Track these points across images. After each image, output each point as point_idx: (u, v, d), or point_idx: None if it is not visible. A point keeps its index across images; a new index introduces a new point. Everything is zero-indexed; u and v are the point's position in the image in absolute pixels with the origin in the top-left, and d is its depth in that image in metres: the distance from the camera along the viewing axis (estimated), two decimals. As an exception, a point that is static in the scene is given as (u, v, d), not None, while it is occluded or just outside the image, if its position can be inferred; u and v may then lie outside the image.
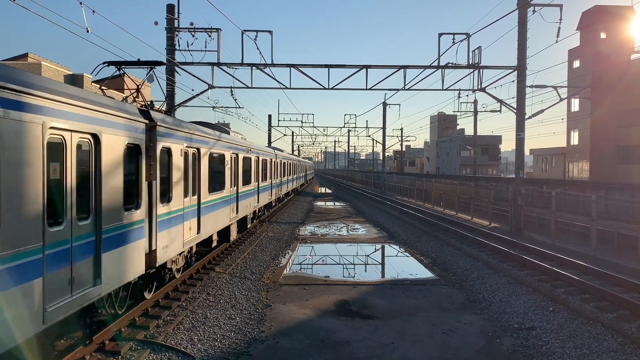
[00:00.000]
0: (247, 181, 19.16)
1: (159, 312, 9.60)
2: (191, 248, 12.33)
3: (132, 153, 8.30)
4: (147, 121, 8.77)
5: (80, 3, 12.23)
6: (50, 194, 5.90)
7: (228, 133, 16.60)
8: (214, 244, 14.93)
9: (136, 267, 8.36)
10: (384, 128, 56.69)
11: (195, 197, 11.96)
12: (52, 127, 5.89)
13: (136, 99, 10.53)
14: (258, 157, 21.61)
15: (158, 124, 9.06)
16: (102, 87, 10.11)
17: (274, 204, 29.34)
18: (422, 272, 15.32)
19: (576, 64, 45.19)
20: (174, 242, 10.12)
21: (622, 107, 39.01)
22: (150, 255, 8.97)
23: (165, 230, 9.63)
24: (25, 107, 5.36)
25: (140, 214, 8.49)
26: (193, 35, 21.08)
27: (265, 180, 24.25)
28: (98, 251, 6.97)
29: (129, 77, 11.03)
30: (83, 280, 6.54)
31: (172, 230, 10.01)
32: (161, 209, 9.34)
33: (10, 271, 5.04)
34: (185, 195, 11.10)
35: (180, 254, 11.16)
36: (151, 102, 10.93)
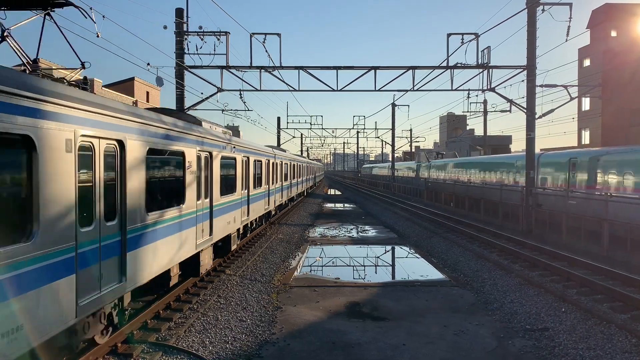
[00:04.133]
0: (230, 189, 14.61)
1: (171, 315, 9.65)
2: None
3: None
4: None
5: (91, 8, 12.33)
6: None
7: (200, 124, 12.33)
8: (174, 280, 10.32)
9: None
10: (393, 129, 56.59)
11: (115, 222, 7.30)
12: None
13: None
14: (248, 158, 17.31)
15: None
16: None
17: (274, 213, 25.52)
18: (432, 273, 15.26)
19: (586, 62, 44.86)
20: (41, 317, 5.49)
21: (634, 105, 38.66)
22: None
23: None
24: None
25: None
26: (202, 39, 21.21)
27: (260, 186, 20.04)
28: None
29: (139, 81, 10.79)
30: None
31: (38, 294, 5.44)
32: None
33: None
34: (87, 222, 6.54)
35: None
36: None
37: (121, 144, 7.48)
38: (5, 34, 6.64)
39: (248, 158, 17.41)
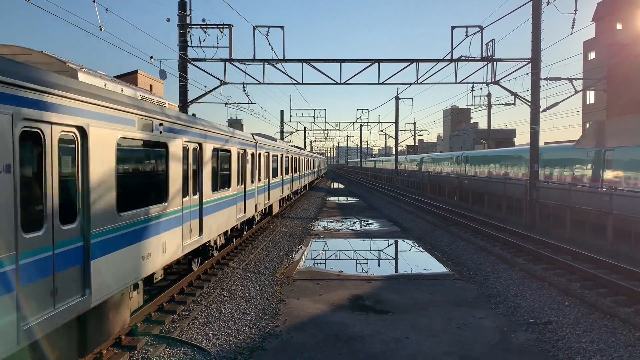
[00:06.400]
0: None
1: (174, 307, 9.69)
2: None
3: None
4: None
5: (94, 1, 12.31)
6: None
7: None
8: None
9: None
10: (396, 122, 56.48)
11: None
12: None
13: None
14: (268, 153, 20.54)
15: None
16: None
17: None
18: (436, 266, 15.27)
19: (591, 55, 44.57)
20: None
21: (639, 99, 38.40)
22: None
23: None
24: None
25: None
26: (205, 32, 21.15)
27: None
28: None
29: (142, 74, 11.21)
30: None
31: None
32: None
33: None
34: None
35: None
36: None
37: (201, 146, 11.05)
38: None
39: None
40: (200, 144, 10.92)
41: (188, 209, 10.09)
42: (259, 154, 18.60)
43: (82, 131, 6.08)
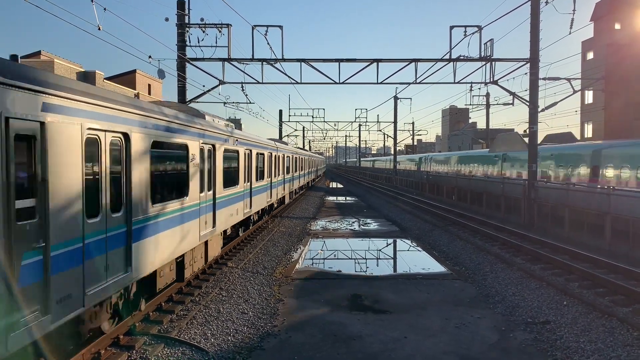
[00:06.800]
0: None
1: (173, 307, 9.68)
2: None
3: None
4: None
5: (92, 0, 12.30)
6: None
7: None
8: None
9: None
10: (395, 122, 56.49)
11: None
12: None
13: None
14: (283, 155, 27.20)
15: None
16: None
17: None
18: (434, 266, 15.27)
19: (590, 55, 44.62)
20: None
21: (637, 99, 38.46)
22: None
23: None
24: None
25: None
26: (204, 31, 21.14)
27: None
28: None
29: (141, 74, 11.40)
30: None
31: None
32: None
33: None
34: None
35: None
36: None
37: (251, 151, 16.81)
38: None
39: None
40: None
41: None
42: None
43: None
